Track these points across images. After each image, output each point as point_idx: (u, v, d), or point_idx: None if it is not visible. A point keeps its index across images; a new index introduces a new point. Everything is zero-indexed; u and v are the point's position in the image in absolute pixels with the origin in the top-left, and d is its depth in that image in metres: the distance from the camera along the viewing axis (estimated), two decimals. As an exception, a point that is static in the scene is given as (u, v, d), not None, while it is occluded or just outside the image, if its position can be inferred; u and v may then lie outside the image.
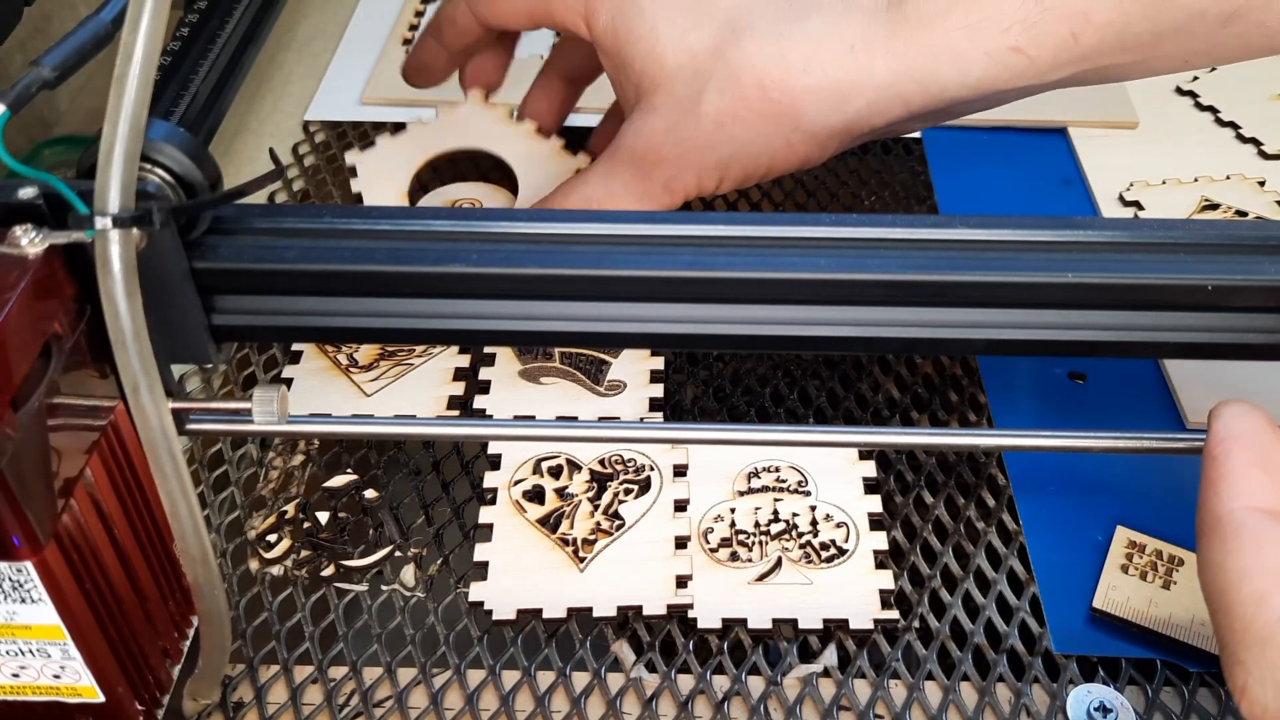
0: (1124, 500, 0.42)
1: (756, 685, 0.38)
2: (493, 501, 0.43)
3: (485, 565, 0.41)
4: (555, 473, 0.43)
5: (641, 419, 0.45)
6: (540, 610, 0.39)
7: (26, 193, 0.29)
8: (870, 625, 0.39)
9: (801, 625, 0.39)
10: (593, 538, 0.41)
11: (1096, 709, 0.36)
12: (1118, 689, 0.37)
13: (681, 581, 0.40)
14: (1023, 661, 0.38)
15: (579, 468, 0.44)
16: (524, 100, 0.51)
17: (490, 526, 0.42)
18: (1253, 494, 0.30)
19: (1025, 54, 0.38)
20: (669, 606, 0.39)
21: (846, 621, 0.39)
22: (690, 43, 0.40)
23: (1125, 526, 0.41)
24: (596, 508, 0.42)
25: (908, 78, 0.39)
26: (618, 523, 0.42)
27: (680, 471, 0.44)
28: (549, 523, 0.42)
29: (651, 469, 0.44)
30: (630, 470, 0.43)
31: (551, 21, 0.43)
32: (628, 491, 0.43)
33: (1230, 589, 0.28)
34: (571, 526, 0.42)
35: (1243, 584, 0.28)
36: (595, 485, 0.43)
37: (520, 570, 0.40)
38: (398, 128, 0.54)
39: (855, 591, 0.40)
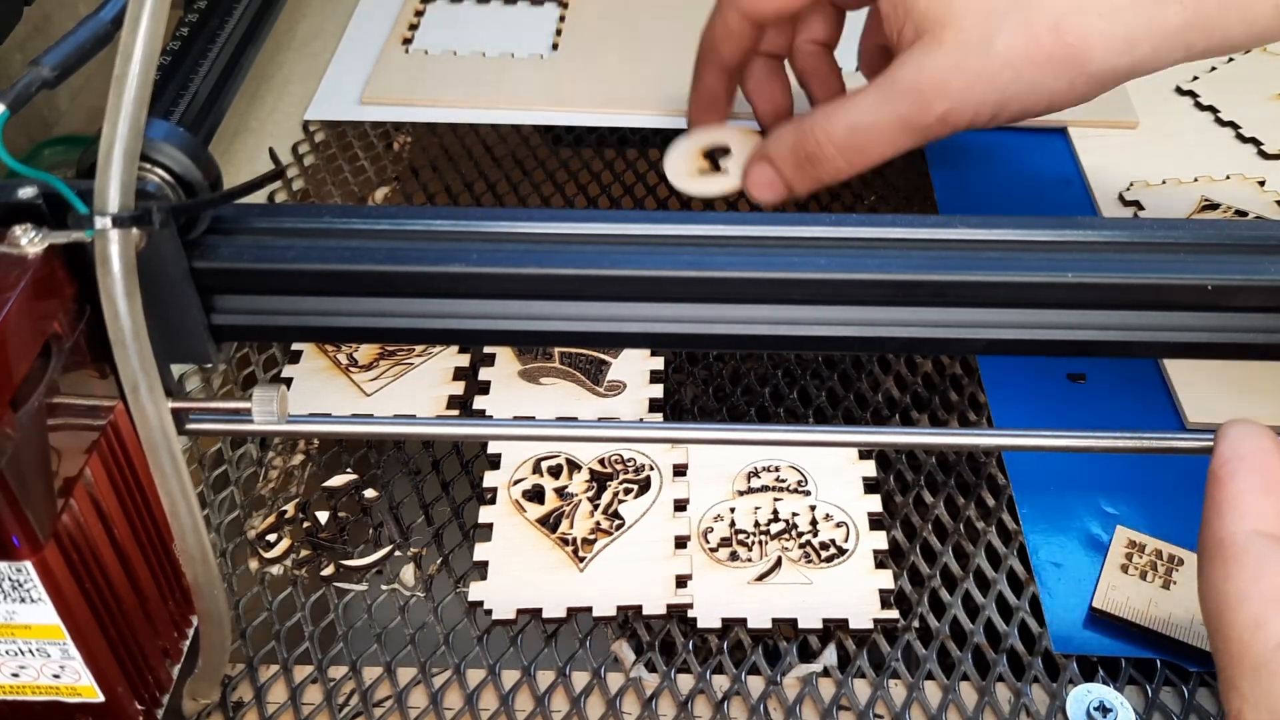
0: (1124, 500, 0.42)
1: (756, 685, 0.38)
2: (492, 501, 0.43)
3: (485, 565, 0.41)
4: (555, 472, 0.43)
5: (641, 419, 0.45)
6: (540, 610, 0.39)
7: (26, 192, 0.28)
8: (870, 625, 0.39)
9: (801, 625, 0.39)
10: (592, 537, 0.41)
11: (1096, 709, 0.36)
12: (1117, 689, 0.37)
13: (681, 581, 0.40)
14: (1022, 661, 0.38)
15: (579, 467, 0.44)
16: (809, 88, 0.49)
17: (490, 526, 0.42)
18: (1256, 517, 0.30)
19: None
20: (669, 606, 0.39)
21: (846, 621, 0.39)
22: None
23: (1125, 526, 0.41)
24: (596, 507, 0.42)
25: (1197, 27, 0.40)
26: (617, 522, 0.42)
27: (680, 471, 0.43)
28: (549, 522, 0.42)
29: (651, 469, 0.44)
30: (630, 470, 0.43)
31: None
32: (627, 491, 0.43)
33: (1228, 613, 0.28)
34: (571, 526, 0.42)
35: (1241, 608, 0.28)
36: (595, 485, 0.43)
37: (520, 570, 0.40)
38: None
39: (855, 591, 0.40)
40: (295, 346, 0.48)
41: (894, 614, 0.39)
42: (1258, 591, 0.28)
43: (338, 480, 0.44)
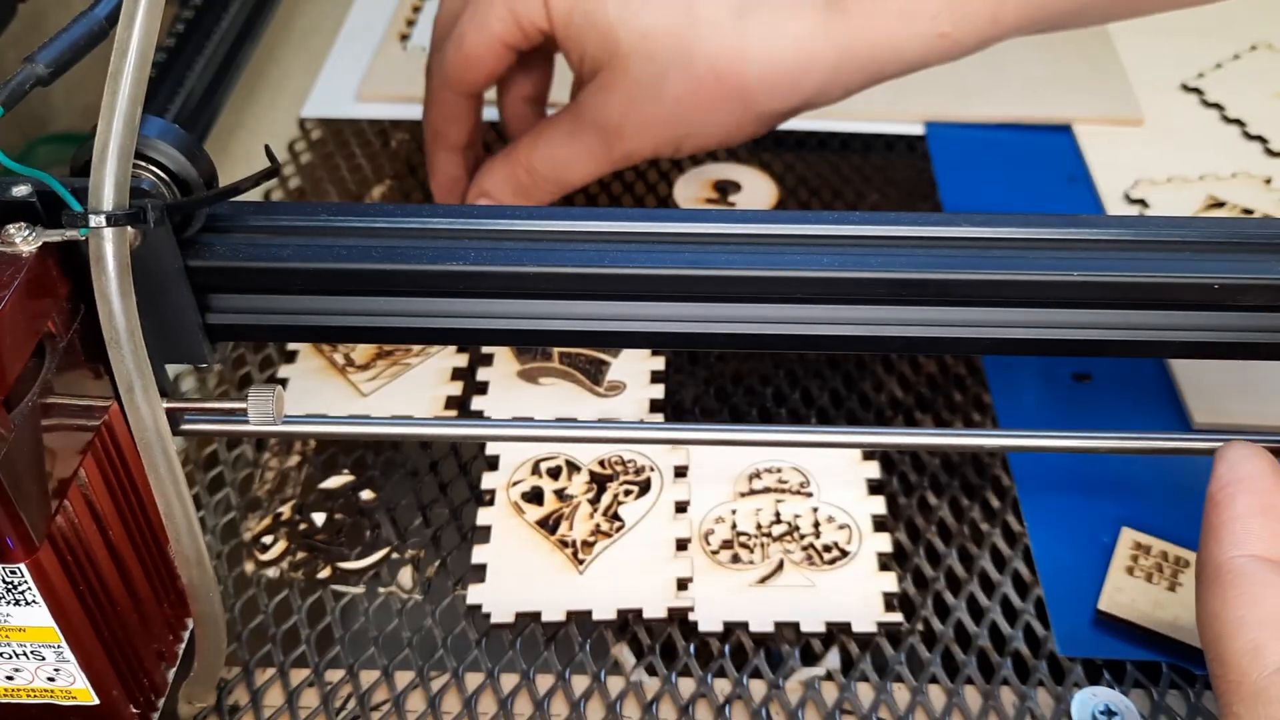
0: (1129, 501, 0.42)
1: (758, 689, 0.37)
2: (491, 503, 0.42)
3: (483, 567, 0.40)
4: (554, 474, 0.43)
5: (642, 420, 0.45)
6: (539, 613, 0.39)
7: (20, 190, 0.28)
8: (873, 628, 0.38)
9: (804, 628, 0.39)
10: (592, 539, 0.41)
11: (1101, 712, 0.36)
12: (1123, 692, 0.37)
13: (682, 584, 0.40)
14: (1027, 664, 0.38)
15: (578, 469, 0.43)
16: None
17: (488, 528, 0.41)
18: (1253, 542, 0.29)
19: (951, 37, 0.41)
20: (669, 609, 0.39)
21: (849, 624, 0.39)
22: (643, 23, 0.42)
23: (1130, 528, 0.41)
24: (596, 509, 0.42)
25: (850, 63, 0.42)
26: (617, 524, 0.41)
27: (681, 472, 0.43)
28: (548, 524, 0.41)
29: (652, 470, 0.43)
30: (630, 471, 0.43)
31: (520, 29, 0.44)
32: (628, 493, 0.42)
33: (1226, 639, 0.28)
34: (571, 528, 0.41)
35: (1238, 634, 0.28)
36: (595, 486, 0.43)
37: (519, 572, 0.40)
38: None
39: (858, 594, 0.39)
40: (291, 346, 0.48)
41: (897, 617, 0.39)
42: (1255, 618, 0.28)
43: (334, 482, 0.43)
